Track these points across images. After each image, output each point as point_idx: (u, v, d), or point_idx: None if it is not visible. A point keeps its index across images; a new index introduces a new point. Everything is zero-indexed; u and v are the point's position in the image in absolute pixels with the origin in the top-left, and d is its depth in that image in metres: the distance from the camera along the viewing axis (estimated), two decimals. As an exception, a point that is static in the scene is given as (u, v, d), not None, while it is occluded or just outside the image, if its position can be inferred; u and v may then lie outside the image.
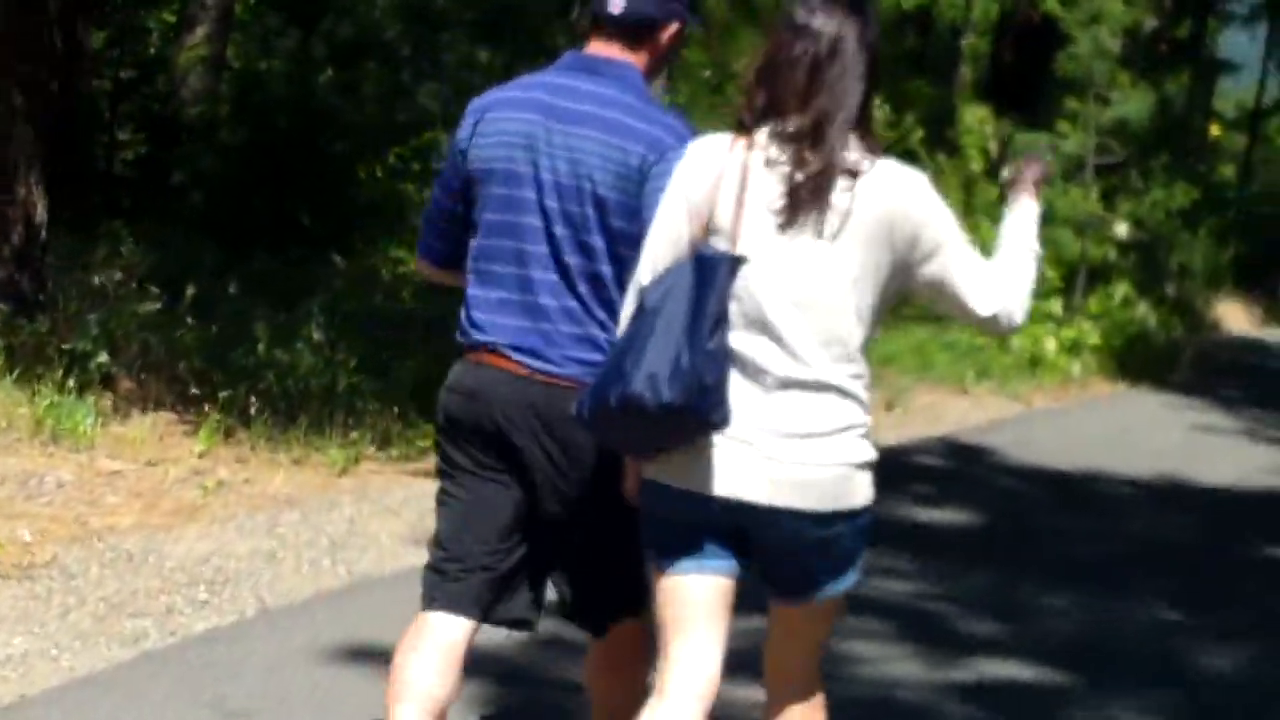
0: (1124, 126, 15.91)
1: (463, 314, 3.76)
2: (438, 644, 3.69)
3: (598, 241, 3.61)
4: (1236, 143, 41.21)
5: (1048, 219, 6.34)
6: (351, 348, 9.65)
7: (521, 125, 3.66)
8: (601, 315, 3.62)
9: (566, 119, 3.63)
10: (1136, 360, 16.23)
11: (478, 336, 3.72)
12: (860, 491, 3.38)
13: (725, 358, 3.27)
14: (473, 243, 3.75)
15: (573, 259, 3.62)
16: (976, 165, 15.00)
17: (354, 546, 6.98)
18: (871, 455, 3.40)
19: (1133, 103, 15.78)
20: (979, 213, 14.26)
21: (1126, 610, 7.12)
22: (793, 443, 3.31)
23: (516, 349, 3.66)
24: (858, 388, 3.36)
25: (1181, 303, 20.95)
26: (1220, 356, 19.95)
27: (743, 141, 3.37)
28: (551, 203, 3.62)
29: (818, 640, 3.57)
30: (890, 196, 3.33)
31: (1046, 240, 4.43)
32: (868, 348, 3.38)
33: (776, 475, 3.31)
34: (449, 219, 3.85)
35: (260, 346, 9.30)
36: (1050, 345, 14.86)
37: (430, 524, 4.13)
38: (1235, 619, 7.19)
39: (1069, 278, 16.08)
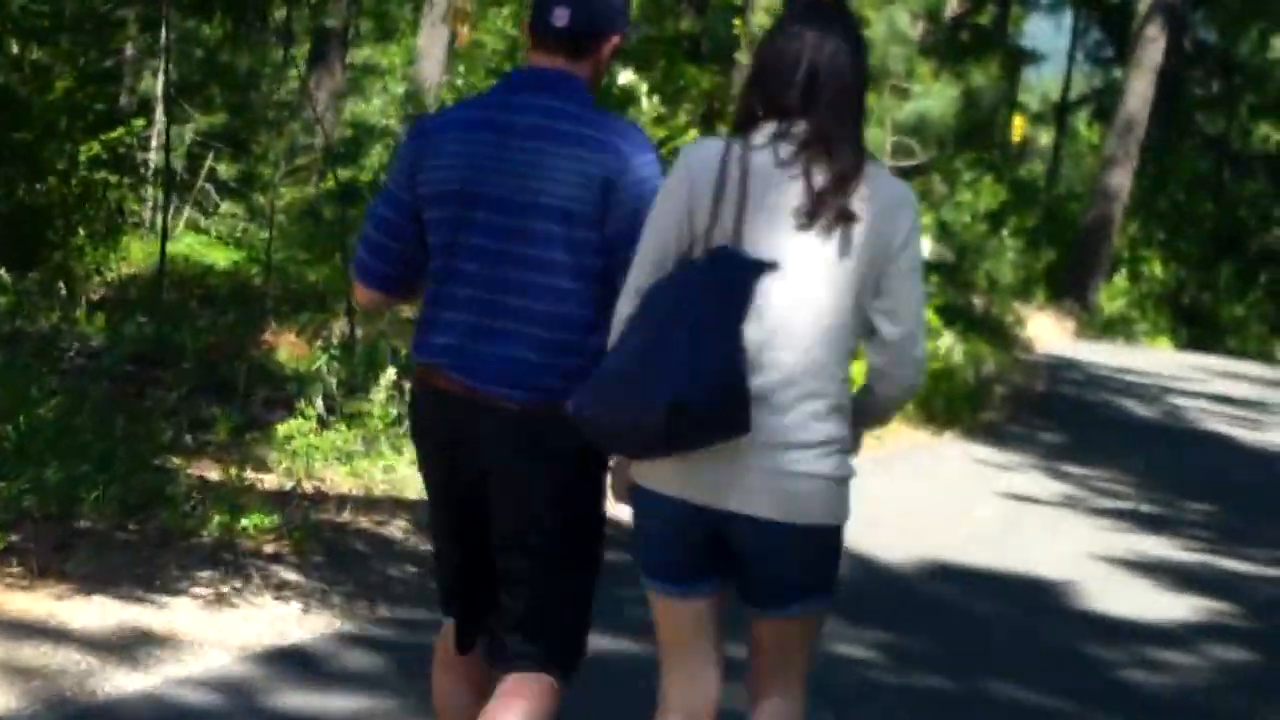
0: (925, 123, 13.31)
1: (418, 335, 3.76)
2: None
3: (558, 256, 3.59)
4: (1042, 137, 39.84)
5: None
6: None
7: (473, 146, 3.66)
8: (561, 335, 3.60)
9: (520, 135, 3.63)
10: (942, 401, 13.78)
11: (433, 359, 3.70)
12: (842, 506, 3.44)
13: (746, 364, 3.29)
14: (429, 262, 3.73)
15: (531, 277, 3.60)
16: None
17: None
18: (852, 471, 3.43)
19: (935, 96, 13.21)
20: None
21: None
22: (781, 453, 3.34)
23: (470, 374, 3.63)
24: (845, 401, 3.42)
25: (990, 322, 18.67)
26: (1034, 389, 17.89)
27: (737, 144, 3.42)
28: (508, 220, 3.61)
29: (800, 658, 3.58)
30: (886, 207, 3.40)
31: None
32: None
33: (762, 484, 3.34)
34: (395, 237, 3.77)
35: None
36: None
37: None
38: None
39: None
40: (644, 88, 13.66)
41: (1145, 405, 17.75)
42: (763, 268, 3.32)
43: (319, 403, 8.45)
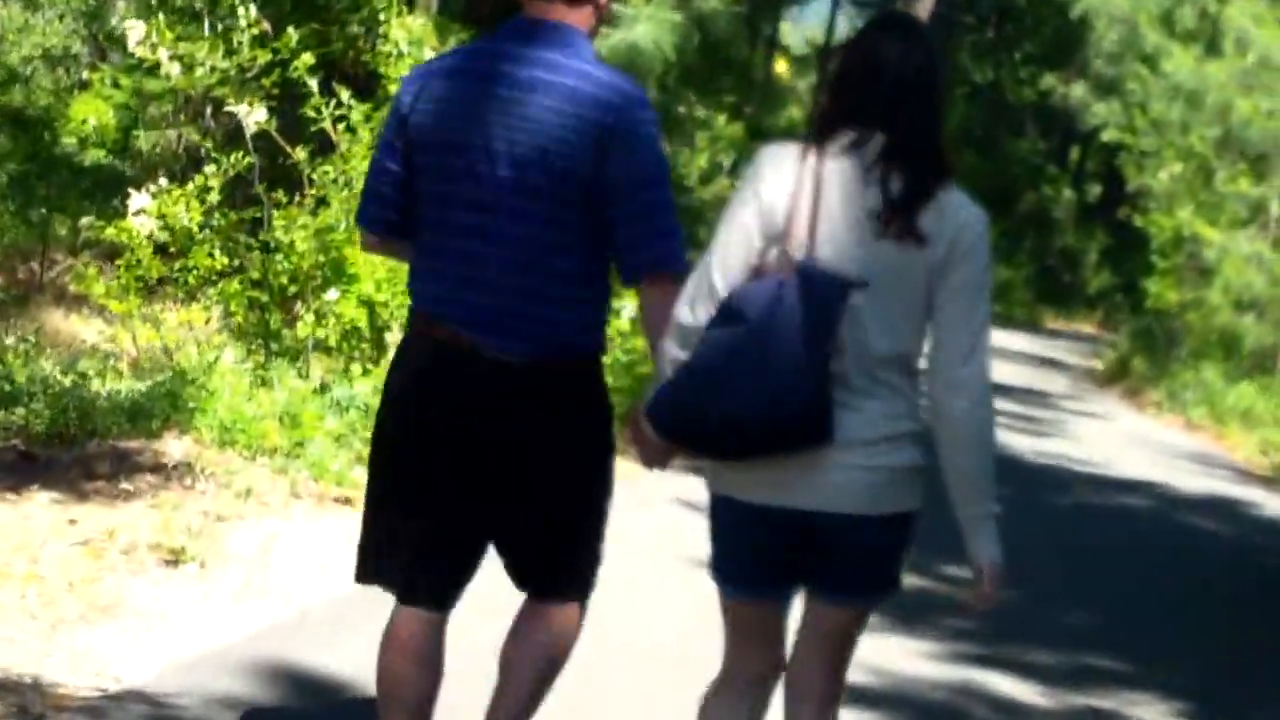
0: (639, 54, 10.23)
1: (411, 284, 3.76)
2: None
3: (554, 210, 3.57)
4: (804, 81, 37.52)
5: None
6: None
7: (470, 95, 3.61)
8: (555, 290, 3.61)
9: (518, 86, 3.58)
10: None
11: (426, 309, 3.69)
12: (914, 495, 3.49)
13: (829, 378, 3.34)
14: (420, 212, 3.69)
15: (526, 229, 3.58)
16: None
17: None
18: (923, 460, 3.47)
19: (647, 21, 10.12)
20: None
21: None
22: (859, 449, 3.40)
23: (465, 324, 3.62)
24: (915, 398, 3.48)
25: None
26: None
27: (816, 150, 3.44)
28: (504, 173, 3.58)
29: (851, 646, 3.67)
30: (957, 225, 3.42)
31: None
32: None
33: (843, 480, 3.40)
34: (394, 184, 3.74)
35: None
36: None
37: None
38: None
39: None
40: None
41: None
42: (848, 283, 3.35)
43: None
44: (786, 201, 3.41)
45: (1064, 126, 35.76)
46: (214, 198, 8.83)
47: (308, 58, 8.93)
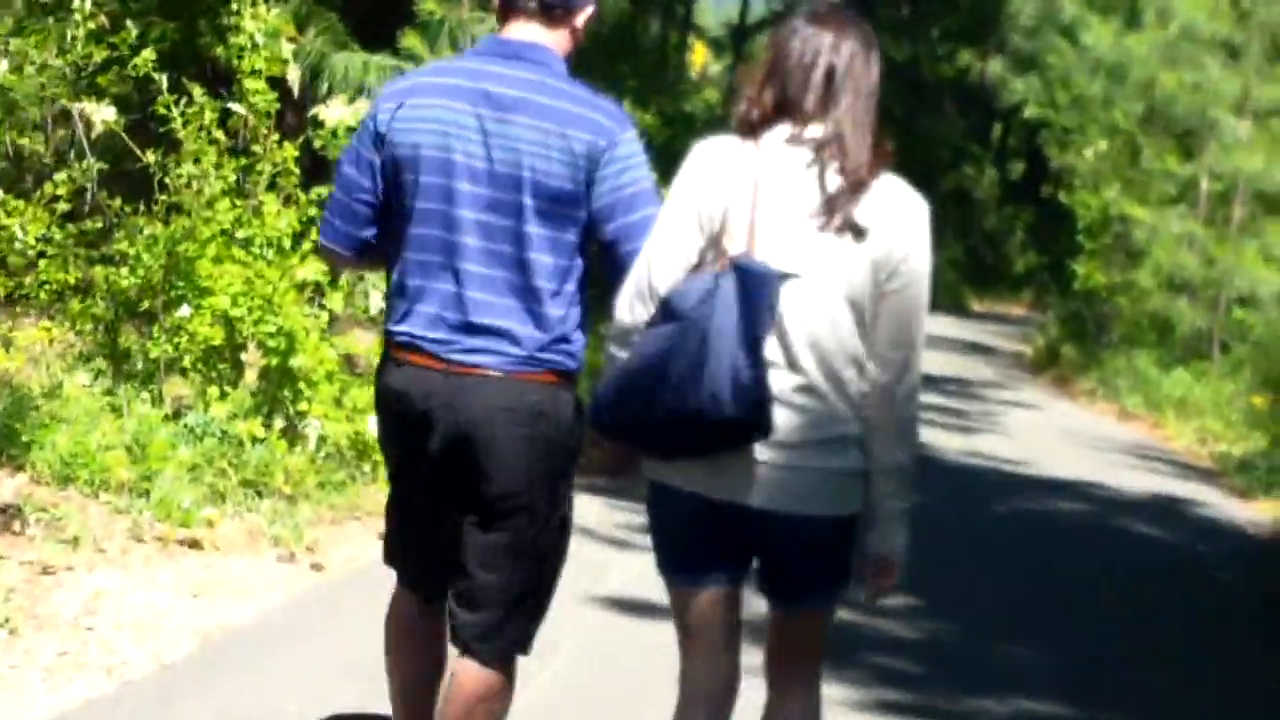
0: None
1: (389, 303, 3.79)
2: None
3: (532, 229, 3.61)
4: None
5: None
6: None
7: (450, 113, 3.64)
8: (533, 306, 3.63)
9: (500, 106, 3.62)
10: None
11: (403, 328, 3.72)
12: (855, 497, 3.48)
13: (767, 371, 3.35)
14: (401, 230, 3.71)
15: (507, 248, 3.62)
16: (263, 108, 8.20)
17: None
18: (863, 464, 3.47)
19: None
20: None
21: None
22: (796, 450, 3.40)
23: (434, 341, 3.66)
24: (858, 399, 3.45)
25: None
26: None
27: (751, 144, 3.45)
28: (484, 191, 3.62)
29: (816, 651, 3.67)
30: (895, 216, 3.43)
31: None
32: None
33: (778, 479, 3.41)
34: (363, 200, 3.75)
35: None
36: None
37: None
38: None
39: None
40: None
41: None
42: (783, 277, 3.34)
43: None
44: (724, 198, 3.41)
45: (984, 104, 35.22)
46: (63, 206, 8.04)
47: (148, 54, 8.06)
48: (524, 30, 3.70)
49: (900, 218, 3.43)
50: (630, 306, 3.46)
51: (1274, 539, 10.78)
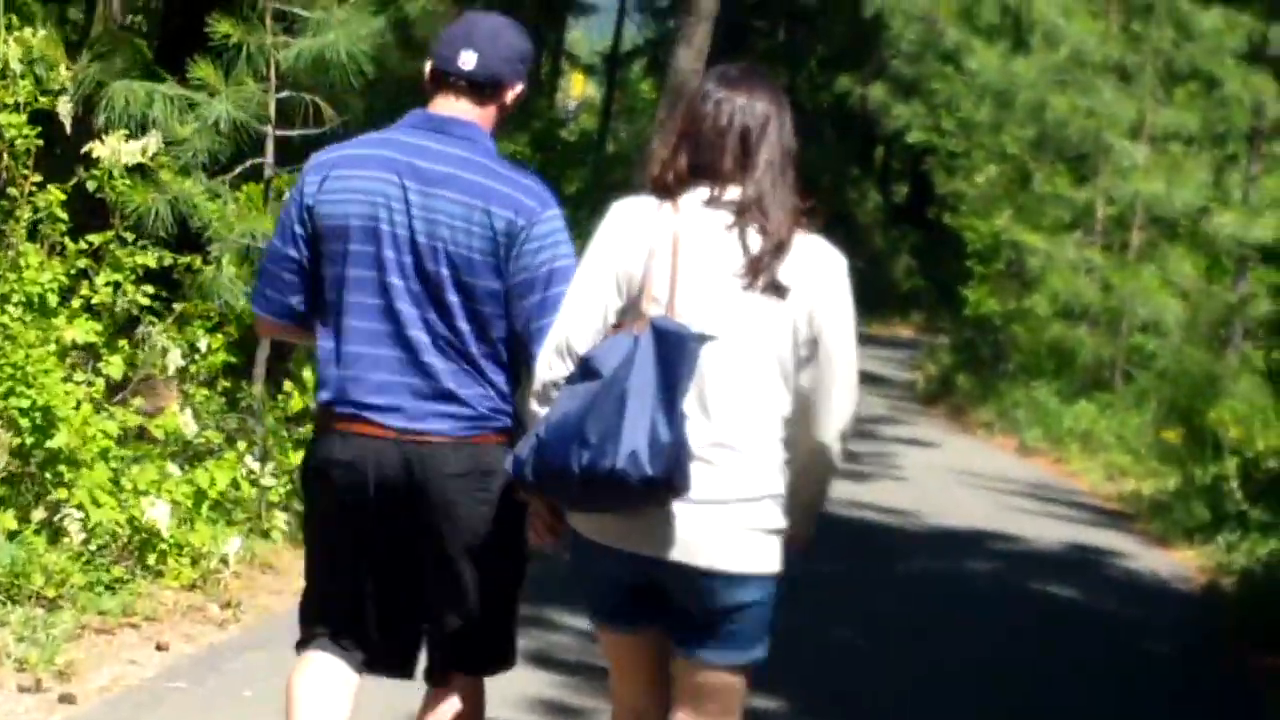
0: (325, 70, 8.03)
1: (322, 373, 3.80)
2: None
3: (454, 299, 3.69)
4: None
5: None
6: None
7: (376, 184, 3.72)
8: (462, 372, 3.70)
9: (424, 180, 3.70)
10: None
11: (339, 399, 3.74)
12: (773, 556, 3.51)
13: (685, 431, 3.38)
14: (326, 298, 3.77)
15: (431, 316, 3.69)
16: (22, 146, 6.96)
17: None
18: (784, 523, 3.52)
19: (339, 29, 7.97)
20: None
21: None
22: (716, 506, 3.43)
23: (379, 409, 3.71)
24: (779, 457, 3.51)
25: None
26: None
27: (668, 206, 3.51)
28: (408, 260, 3.69)
29: (732, 707, 3.63)
30: (815, 274, 3.49)
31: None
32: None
33: (695, 535, 3.43)
34: (295, 270, 3.81)
35: None
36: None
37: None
38: None
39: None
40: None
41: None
42: (702, 338, 3.38)
43: None
44: (643, 258, 3.47)
45: (864, 129, 34.35)
46: None
47: None
48: (453, 106, 3.77)
49: (820, 276, 3.48)
50: (550, 364, 3.51)
51: (1208, 593, 9.70)
